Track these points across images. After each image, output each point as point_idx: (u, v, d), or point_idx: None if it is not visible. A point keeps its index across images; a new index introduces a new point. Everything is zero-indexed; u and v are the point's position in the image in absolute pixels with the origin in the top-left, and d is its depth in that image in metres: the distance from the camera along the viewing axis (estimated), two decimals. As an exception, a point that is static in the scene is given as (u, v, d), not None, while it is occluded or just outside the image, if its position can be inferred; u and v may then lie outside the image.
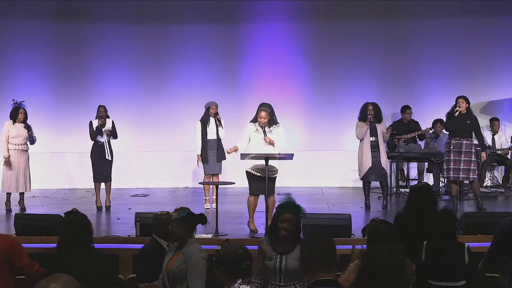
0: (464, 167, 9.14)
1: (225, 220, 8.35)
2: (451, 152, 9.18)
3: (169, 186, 12.00)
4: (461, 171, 9.15)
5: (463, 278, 4.91)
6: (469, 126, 9.19)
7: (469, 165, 9.14)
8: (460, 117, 9.11)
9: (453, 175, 9.22)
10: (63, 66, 12.42)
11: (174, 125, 12.16)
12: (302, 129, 12.33)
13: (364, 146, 9.48)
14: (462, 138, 9.14)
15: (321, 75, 12.48)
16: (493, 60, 12.37)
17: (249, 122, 8.04)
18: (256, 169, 7.83)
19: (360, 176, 9.60)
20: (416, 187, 5.87)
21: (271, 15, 12.45)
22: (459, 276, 4.91)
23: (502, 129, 11.93)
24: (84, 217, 4.77)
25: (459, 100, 9.20)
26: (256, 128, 7.92)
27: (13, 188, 9.62)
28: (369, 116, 9.45)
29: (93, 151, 9.78)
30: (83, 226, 4.70)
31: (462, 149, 9.12)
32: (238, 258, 3.83)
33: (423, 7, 12.31)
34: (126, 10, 12.45)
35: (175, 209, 4.89)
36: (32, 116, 9.99)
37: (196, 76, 12.37)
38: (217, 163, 9.93)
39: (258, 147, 7.79)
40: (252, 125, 7.97)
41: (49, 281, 2.47)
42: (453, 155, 9.16)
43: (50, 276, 2.50)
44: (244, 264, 3.82)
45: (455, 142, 9.15)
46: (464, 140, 9.14)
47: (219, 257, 3.83)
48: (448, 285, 4.88)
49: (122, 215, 9.08)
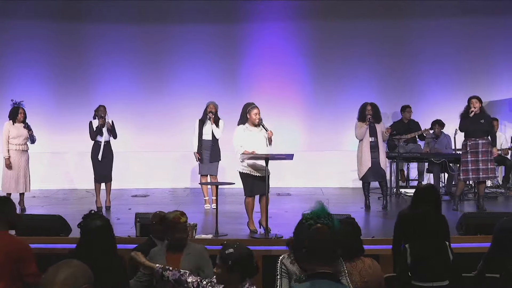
0: (483, 167, 9.08)
1: (225, 220, 8.35)
2: (468, 153, 9.07)
3: (169, 186, 12.00)
4: (480, 171, 9.08)
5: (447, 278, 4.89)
6: (483, 126, 9.13)
7: (487, 164, 9.11)
8: (473, 117, 9.06)
9: (473, 176, 9.13)
10: (63, 66, 12.42)
11: (174, 125, 12.16)
12: (302, 129, 12.34)
13: (363, 147, 9.48)
14: (477, 138, 9.09)
15: (321, 75, 12.48)
16: (493, 60, 12.37)
17: (238, 125, 7.97)
18: (253, 168, 7.81)
19: (360, 177, 9.60)
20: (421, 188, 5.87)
21: (271, 15, 12.45)
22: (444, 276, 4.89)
23: (502, 129, 11.93)
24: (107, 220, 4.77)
25: (473, 101, 9.12)
26: (249, 130, 7.88)
27: (13, 189, 9.61)
28: (368, 116, 9.45)
29: (93, 152, 9.78)
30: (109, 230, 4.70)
31: (478, 149, 9.07)
32: (252, 258, 3.85)
33: (423, 7, 12.31)
34: (126, 10, 12.46)
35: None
36: (32, 116, 9.99)
37: (196, 76, 12.37)
38: (211, 163, 9.89)
39: (253, 147, 7.75)
40: (242, 127, 7.92)
41: (59, 266, 2.49)
42: (470, 156, 9.07)
43: (60, 262, 2.51)
44: (255, 263, 3.85)
45: (471, 143, 9.07)
46: (480, 140, 9.09)
47: (235, 259, 3.77)
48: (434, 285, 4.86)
49: (122, 215, 9.08)
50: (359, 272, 4.32)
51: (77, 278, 2.48)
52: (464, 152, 9.16)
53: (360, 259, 4.39)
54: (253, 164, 7.80)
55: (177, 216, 4.88)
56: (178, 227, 4.83)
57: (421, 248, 4.83)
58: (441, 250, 4.86)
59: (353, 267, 4.33)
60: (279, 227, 7.81)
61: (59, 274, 2.45)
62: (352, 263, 4.32)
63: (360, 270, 4.34)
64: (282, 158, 7.76)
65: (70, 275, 2.45)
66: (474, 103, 9.10)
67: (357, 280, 4.25)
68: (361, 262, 4.38)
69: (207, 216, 9.25)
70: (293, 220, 4.20)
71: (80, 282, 2.48)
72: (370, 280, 4.33)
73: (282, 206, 9.68)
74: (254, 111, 7.86)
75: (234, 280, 3.79)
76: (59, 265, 2.50)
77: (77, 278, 2.48)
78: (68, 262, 2.53)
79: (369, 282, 4.31)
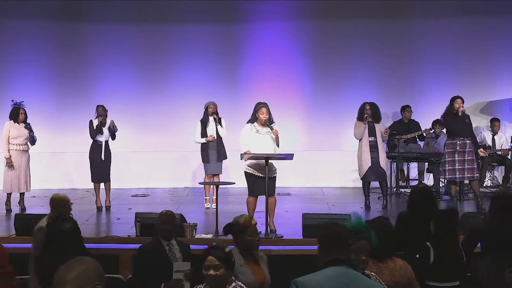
0: (469, 167, 9.10)
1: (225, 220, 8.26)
2: (456, 152, 9.08)
3: (169, 186, 11.99)
4: (465, 171, 9.10)
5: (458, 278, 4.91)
6: (469, 125, 9.19)
7: (473, 164, 9.14)
8: (460, 117, 9.09)
9: (459, 176, 9.15)
10: (63, 66, 12.42)
11: (174, 125, 12.16)
12: (302, 129, 12.33)
13: (363, 146, 9.48)
14: (465, 138, 9.12)
15: (321, 75, 12.48)
16: (493, 60, 12.37)
17: (246, 123, 8.02)
18: (256, 168, 7.82)
19: (360, 176, 9.60)
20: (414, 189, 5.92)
21: (271, 15, 12.45)
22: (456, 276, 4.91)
23: (502, 129, 11.92)
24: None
25: (458, 100, 9.14)
26: (256, 129, 7.90)
27: (14, 189, 9.62)
28: (366, 115, 9.45)
29: (92, 151, 9.78)
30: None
31: (466, 149, 9.09)
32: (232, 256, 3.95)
33: (423, 7, 12.31)
34: (126, 10, 12.46)
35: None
36: (32, 116, 9.99)
37: (196, 76, 12.37)
38: (218, 162, 9.91)
39: (260, 148, 7.77)
40: (250, 126, 7.94)
41: (71, 263, 2.51)
42: (458, 155, 9.08)
43: (73, 259, 2.54)
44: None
45: (461, 142, 9.08)
46: (467, 140, 9.12)
47: (229, 257, 3.87)
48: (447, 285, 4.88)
49: (122, 215, 9.08)
50: (390, 271, 4.29)
51: (89, 276, 2.49)
52: (451, 152, 9.12)
53: (392, 259, 4.35)
54: (256, 164, 7.80)
55: (248, 220, 4.91)
56: (249, 230, 4.84)
57: (443, 247, 4.85)
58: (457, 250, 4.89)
59: (384, 267, 4.30)
60: (279, 227, 7.82)
61: (71, 271, 2.45)
62: (383, 263, 4.29)
63: (391, 269, 4.30)
64: (282, 158, 7.76)
65: (81, 272, 2.46)
66: (459, 103, 9.12)
67: (388, 279, 4.21)
68: (392, 262, 4.34)
69: (207, 216, 9.26)
70: (293, 220, 4.19)
71: (92, 280, 2.49)
72: (401, 280, 4.31)
73: (282, 206, 9.66)
74: (261, 110, 7.86)
75: (222, 278, 3.84)
76: (71, 263, 2.51)
77: (89, 276, 2.49)
78: (80, 259, 2.54)
79: (399, 283, 4.29)
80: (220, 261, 3.82)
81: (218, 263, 3.82)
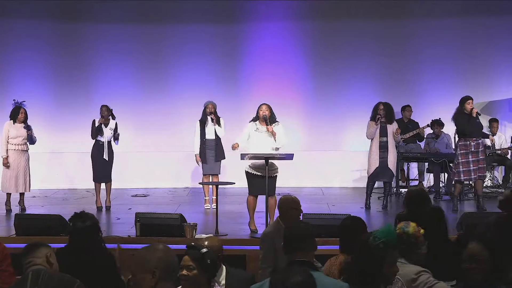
0: (481, 166, 9.11)
1: (225, 220, 8.35)
2: (470, 153, 9.03)
3: (169, 186, 11.99)
4: (479, 170, 9.10)
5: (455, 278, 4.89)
6: (481, 126, 9.24)
7: (484, 163, 9.18)
8: (474, 118, 9.04)
9: (474, 176, 9.11)
10: (63, 66, 12.42)
11: (174, 125, 12.15)
12: (302, 129, 12.33)
13: (373, 146, 9.47)
14: (478, 138, 9.14)
15: (321, 75, 12.47)
16: (493, 60, 12.37)
17: (249, 122, 8.05)
18: (256, 168, 7.82)
19: (368, 175, 9.60)
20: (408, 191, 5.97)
21: (271, 15, 12.45)
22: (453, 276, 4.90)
23: (502, 129, 11.93)
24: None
25: (470, 101, 9.10)
26: (257, 127, 7.92)
27: (13, 188, 9.60)
28: (378, 116, 9.42)
29: (94, 151, 9.78)
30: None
31: (479, 149, 9.09)
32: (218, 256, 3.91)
33: (423, 7, 12.31)
34: (126, 10, 12.45)
35: None
36: (32, 116, 9.98)
37: (196, 76, 12.36)
38: (216, 162, 9.89)
39: (259, 146, 7.78)
40: (252, 124, 7.97)
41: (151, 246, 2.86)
42: (471, 156, 9.04)
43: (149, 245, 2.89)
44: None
45: (474, 143, 9.06)
46: (479, 140, 9.17)
47: (212, 258, 3.71)
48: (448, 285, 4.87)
49: (122, 215, 9.09)
50: None
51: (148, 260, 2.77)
52: (464, 153, 9.08)
53: None
54: (255, 163, 7.80)
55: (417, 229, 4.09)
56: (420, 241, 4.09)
57: (433, 247, 4.85)
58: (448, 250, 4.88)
59: None
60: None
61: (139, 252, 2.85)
62: None
63: None
64: (282, 158, 7.76)
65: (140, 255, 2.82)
66: (471, 103, 9.10)
67: None
68: None
69: (207, 216, 9.26)
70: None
71: (151, 266, 2.75)
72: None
73: (282, 206, 9.67)
74: (261, 107, 7.94)
75: (204, 281, 3.67)
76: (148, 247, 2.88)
77: (147, 260, 2.77)
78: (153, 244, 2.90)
79: None
80: (195, 261, 3.62)
81: (191, 264, 3.62)
